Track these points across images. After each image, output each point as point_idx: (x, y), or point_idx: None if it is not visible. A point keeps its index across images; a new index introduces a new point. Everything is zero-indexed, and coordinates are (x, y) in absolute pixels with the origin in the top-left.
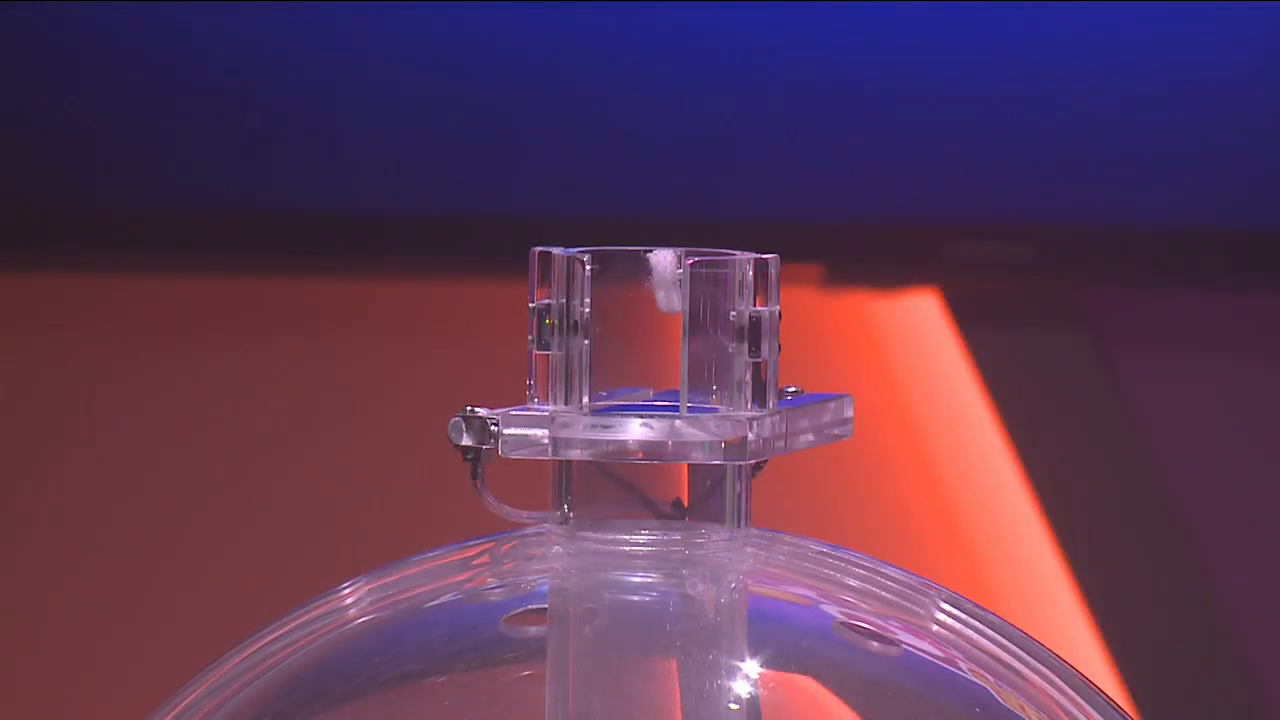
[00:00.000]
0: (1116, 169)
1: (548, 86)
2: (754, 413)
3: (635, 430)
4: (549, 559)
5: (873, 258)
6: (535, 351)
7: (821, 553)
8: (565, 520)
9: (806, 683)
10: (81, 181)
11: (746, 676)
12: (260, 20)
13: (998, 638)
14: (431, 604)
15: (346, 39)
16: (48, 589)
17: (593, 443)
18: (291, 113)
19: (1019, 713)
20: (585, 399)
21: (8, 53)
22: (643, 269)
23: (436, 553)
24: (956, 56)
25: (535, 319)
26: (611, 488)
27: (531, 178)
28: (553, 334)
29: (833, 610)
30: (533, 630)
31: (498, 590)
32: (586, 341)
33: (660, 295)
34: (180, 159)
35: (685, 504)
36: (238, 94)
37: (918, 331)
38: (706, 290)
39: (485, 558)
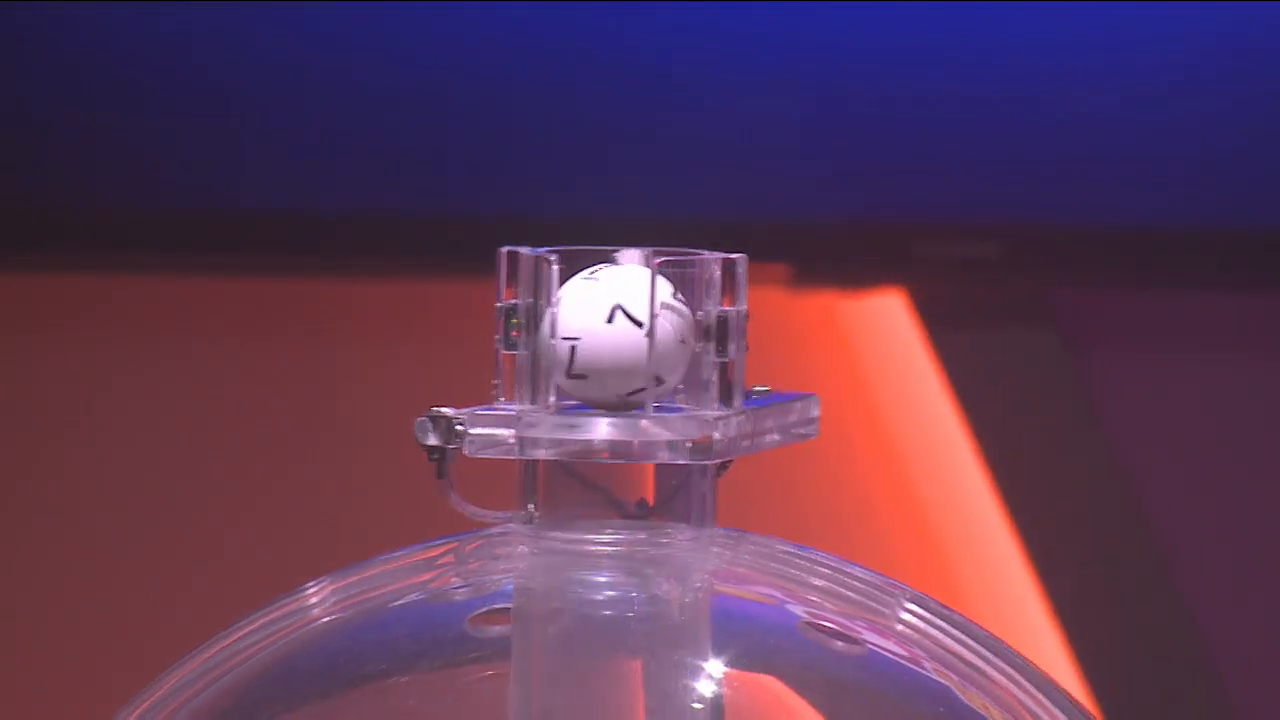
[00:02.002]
0: (1085, 168)
1: (517, 88)
2: (720, 412)
3: (601, 430)
4: (514, 558)
5: (840, 257)
6: (502, 351)
7: (787, 552)
8: (531, 520)
9: (770, 682)
10: (81, 181)
11: (711, 676)
12: (247, 20)
13: (963, 637)
14: (396, 604)
15: (323, 38)
16: (19, 589)
17: (559, 442)
18: (274, 112)
19: (983, 712)
20: (552, 398)
21: (7, 53)
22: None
23: (401, 552)
24: (924, 56)
25: (502, 319)
26: (577, 487)
27: (500, 177)
28: (520, 333)
29: (798, 610)
30: (497, 630)
31: (462, 590)
32: (554, 340)
33: None
34: (169, 158)
35: (651, 503)
36: (220, 93)
37: (885, 331)
38: (673, 289)
39: (450, 557)
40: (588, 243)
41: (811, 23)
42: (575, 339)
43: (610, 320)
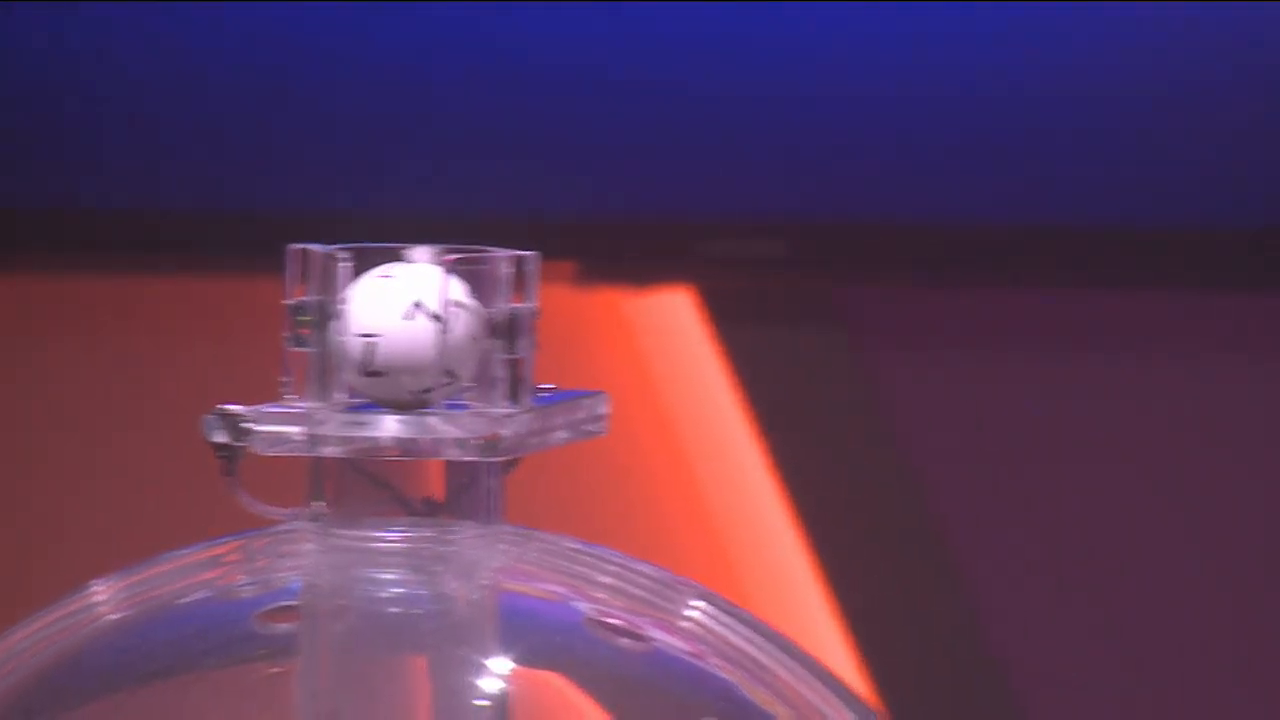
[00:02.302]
0: (869, 165)
1: (300, 82)
2: (509, 409)
3: (390, 427)
4: (302, 556)
5: (627, 255)
6: (292, 348)
7: (574, 549)
8: (319, 517)
9: (556, 679)
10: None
11: (496, 673)
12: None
13: (748, 633)
14: (183, 601)
15: (95, 27)
16: None
17: (348, 439)
18: (71, 110)
19: (768, 708)
20: (341, 395)
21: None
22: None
23: (189, 550)
24: (708, 51)
25: (292, 316)
26: (366, 485)
27: (285, 175)
28: (309, 331)
29: (584, 607)
30: (285, 627)
31: (250, 587)
32: (347, 338)
33: None
34: None
35: (439, 500)
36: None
37: (672, 328)
38: (464, 287)
39: (238, 555)
40: (371, 240)
41: (600, 19)
42: (373, 336)
43: (409, 317)
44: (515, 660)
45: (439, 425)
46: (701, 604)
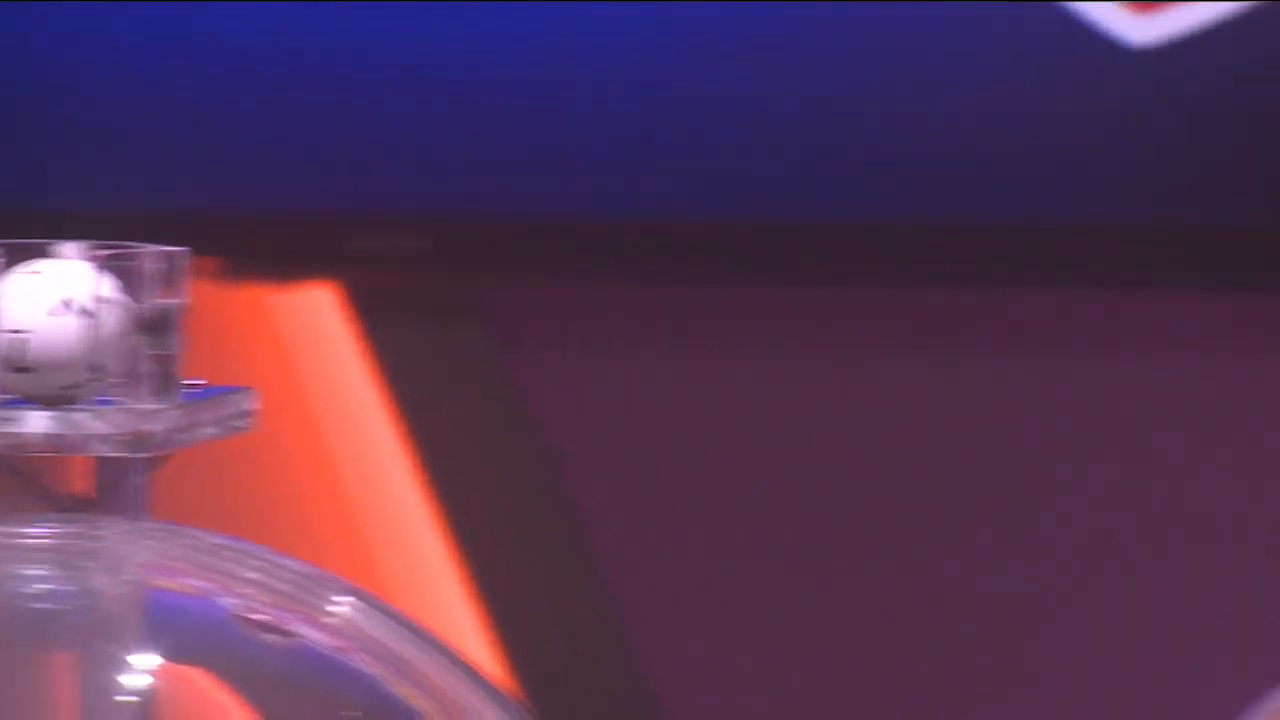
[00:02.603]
0: (510, 161)
1: None
2: (157, 405)
3: (37, 422)
4: None
5: (272, 250)
6: None
7: (220, 546)
8: None
9: (200, 674)
10: None
11: (141, 669)
12: None
13: (394, 627)
14: None
15: None
16: None
17: None
18: None
19: (413, 703)
20: None
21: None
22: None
23: None
24: (350, 44)
25: None
26: (12, 480)
27: None
28: None
29: (230, 602)
30: None
31: None
32: None
33: None
34: None
35: (86, 496)
36: None
37: (316, 325)
38: (113, 283)
39: None
40: (25, 236)
41: (246, 14)
42: (22, 331)
43: (59, 313)
44: (161, 655)
45: (87, 421)
46: (347, 600)
